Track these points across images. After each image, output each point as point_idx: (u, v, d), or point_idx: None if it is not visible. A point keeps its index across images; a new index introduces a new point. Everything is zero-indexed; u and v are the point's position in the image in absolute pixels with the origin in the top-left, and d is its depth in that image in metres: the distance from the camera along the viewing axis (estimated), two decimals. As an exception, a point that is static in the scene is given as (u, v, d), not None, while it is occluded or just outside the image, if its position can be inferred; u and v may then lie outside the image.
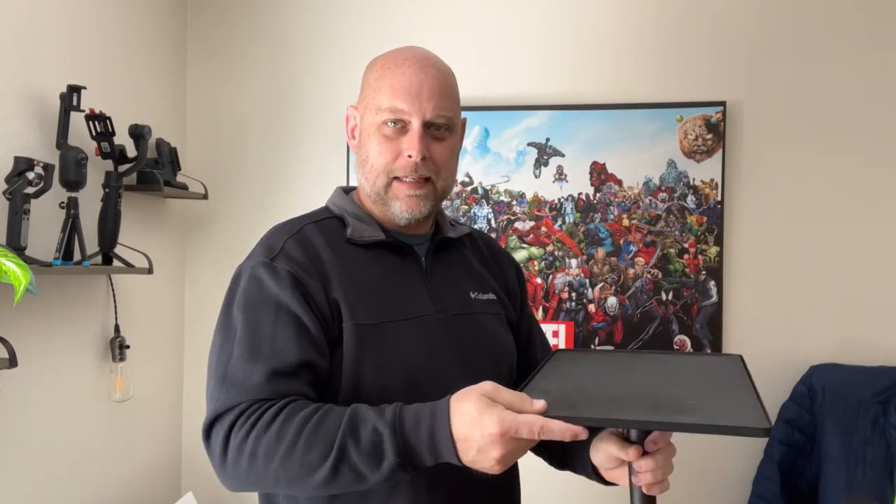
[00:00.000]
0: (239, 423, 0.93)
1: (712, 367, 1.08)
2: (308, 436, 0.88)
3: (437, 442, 0.86)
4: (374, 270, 1.08)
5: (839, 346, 2.10)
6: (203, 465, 2.42)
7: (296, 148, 2.39)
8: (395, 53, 1.11)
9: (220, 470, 0.95)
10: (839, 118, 2.13)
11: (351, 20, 2.36)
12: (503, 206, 2.27)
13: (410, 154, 1.06)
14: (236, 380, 0.96)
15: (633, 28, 2.23)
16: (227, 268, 2.40)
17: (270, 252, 1.05)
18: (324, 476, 0.88)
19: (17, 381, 1.72)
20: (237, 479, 0.94)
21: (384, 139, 1.07)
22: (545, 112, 2.24)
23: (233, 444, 0.92)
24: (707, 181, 2.17)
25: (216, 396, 0.97)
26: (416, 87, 1.06)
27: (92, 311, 1.99)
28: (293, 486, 0.91)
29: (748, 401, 0.88)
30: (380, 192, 1.09)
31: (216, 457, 0.94)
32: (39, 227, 1.74)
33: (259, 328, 0.99)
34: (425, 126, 1.06)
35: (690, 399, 0.89)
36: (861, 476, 1.85)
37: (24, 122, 1.74)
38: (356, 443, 0.87)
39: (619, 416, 0.85)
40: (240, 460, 0.92)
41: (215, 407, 0.96)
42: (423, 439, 0.86)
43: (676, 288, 2.18)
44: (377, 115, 1.07)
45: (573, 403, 0.88)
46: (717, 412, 0.85)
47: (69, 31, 1.90)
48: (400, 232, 1.13)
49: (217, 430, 0.95)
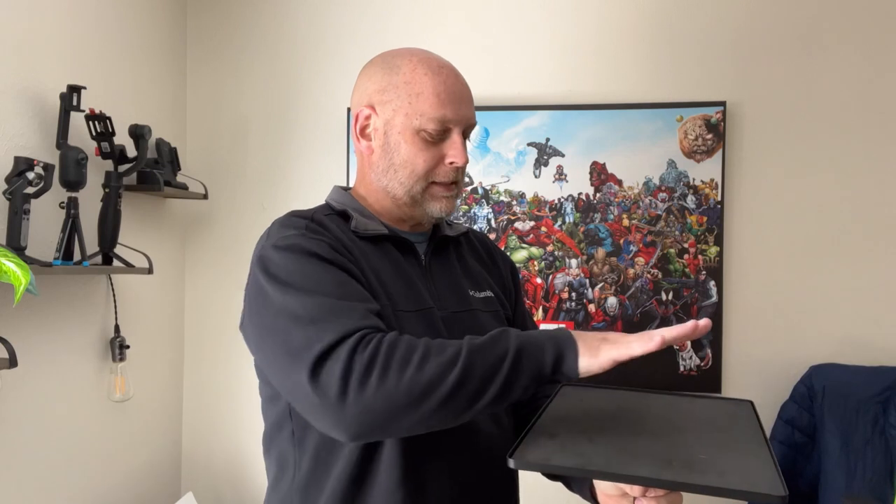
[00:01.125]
0: (361, 347, 0.87)
1: (722, 414, 1.06)
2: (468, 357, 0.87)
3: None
4: (382, 261, 1.09)
5: (839, 346, 2.10)
6: (203, 465, 2.43)
7: (296, 148, 2.39)
8: (420, 57, 1.10)
9: (338, 403, 0.85)
10: (839, 118, 2.13)
11: (351, 20, 2.36)
12: (503, 206, 2.27)
13: (454, 161, 1.08)
14: (336, 314, 0.91)
15: (633, 28, 2.23)
16: (227, 268, 2.43)
17: (297, 229, 1.03)
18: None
19: (17, 381, 1.72)
20: (362, 407, 0.85)
21: (426, 144, 1.08)
22: (545, 112, 2.24)
23: (357, 367, 0.85)
24: (707, 181, 2.17)
25: (313, 337, 0.89)
26: (457, 95, 1.08)
27: (92, 311, 1.99)
28: (427, 398, 0.86)
29: (762, 459, 0.86)
30: (416, 195, 1.10)
31: (333, 389, 0.85)
32: (39, 227, 1.74)
33: (325, 279, 0.96)
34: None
35: (702, 454, 0.87)
36: (861, 476, 1.85)
37: (24, 122, 1.74)
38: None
39: (631, 472, 0.82)
40: (367, 382, 0.85)
41: (323, 343, 0.87)
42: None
43: (676, 288, 2.18)
44: (417, 120, 1.07)
45: (581, 451, 0.86)
46: (731, 472, 0.82)
47: (69, 31, 1.90)
48: (399, 229, 1.14)
49: (332, 362, 0.86)
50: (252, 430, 2.38)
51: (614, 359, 0.87)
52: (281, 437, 1.08)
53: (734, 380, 2.17)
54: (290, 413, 1.06)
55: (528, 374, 0.88)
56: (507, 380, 0.88)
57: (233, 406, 2.41)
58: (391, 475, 1.01)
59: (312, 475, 1.05)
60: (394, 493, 1.01)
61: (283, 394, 0.98)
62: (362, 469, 1.02)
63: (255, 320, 0.99)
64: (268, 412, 1.11)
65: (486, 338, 0.90)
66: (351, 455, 1.01)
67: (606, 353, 0.87)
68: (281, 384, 0.95)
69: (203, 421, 2.43)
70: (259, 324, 0.98)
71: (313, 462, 1.04)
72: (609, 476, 0.85)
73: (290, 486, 1.07)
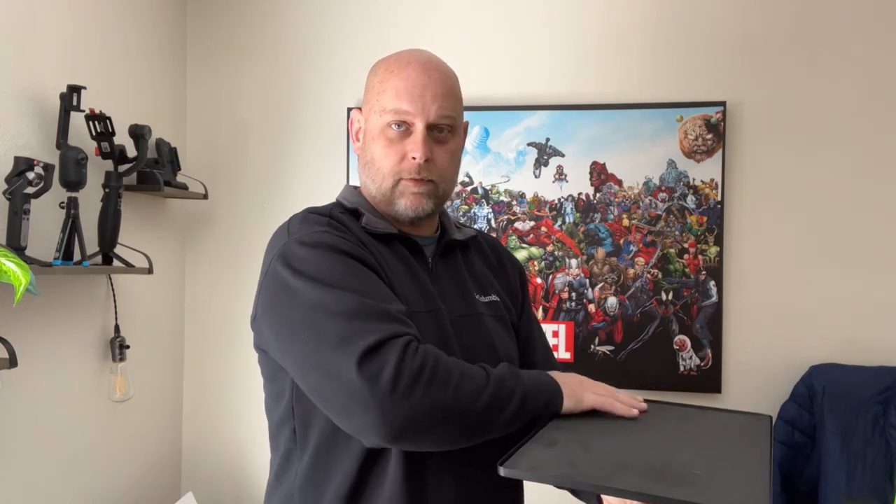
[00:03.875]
0: (410, 353, 0.91)
1: (734, 429, 1.04)
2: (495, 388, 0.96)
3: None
4: (394, 260, 1.09)
5: (839, 346, 2.10)
6: (203, 465, 2.43)
7: (296, 148, 2.39)
8: (398, 56, 1.12)
9: (389, 397, 0.87)
10: (839, 118, 2.13)
11: (351, 20, 2.36)
12: (503, 206, 2.27)
13: (414, 156, 1.07)
14: (373, 312, 0.93)
15: (633, 28, 2.23)
16: (227, 268, 2.43)
17: (320, 225, 1.04)
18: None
19: (17, 381, 1.72)
20: (409, 408, 0.88)
21: (388, 142, 1.08)
22: (545, 112, 2.24)
23: (407, 370, 0.89)
24: (707, 181, 2.17)
25: (354, 332, 0.90)
26: (419, 89, 1.07)
27: (92, 311, 1.99)
28: (469, 411, 0.93)
29: (756, 478, 0.84)
30: (386, 193, 1.10)
31: (384, 384, 0.87)
32: (39, 227, 1.74)
33: (357, 277, 0.99)
34: (428, 128, 1.07)
35: (697, 468, 0.86)
36: (861, 476, 1.85)
37: (24, 122, 1.74)
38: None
39: (615, 485, 0.82)
40: (416, 387, 0.88)
41: (368, 339, 0.89)
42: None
43: (676, 288, 2.18)
44: (381, 118, 1.08)
45: (573, 461, 0.87)
46: (719, 489, 0.81)
47: (69, 31, 1.90)
48: (407, 232, 1.14)
49: (380, 358, 0.88)
50: (252, 429, 2.38)
51: (594, 407, 1.04)
52: (284, 434, 1.09)
53: (734, 380, 2.17)
54: (292, 411, 1.06)
55: (526, 414, 0.99)
56: (513, 416, 0.97)
57: (233, 406, 2.40)
58: (394, 477, 1.01)
59: (313, 474, 1.05)
60: (396, 495, 1.01)
61: (306, 387, 0.97)
62: (364, 470, 1.02)
63: (282, 315, 0.99)
64: (272, 410, 1.11)
65: (501, 372, 0.99)
66: (353, 456, 1.01)
67: (588, 401, 1.04)
68: (308, 376, 0.95)
69: (203, 421, 2.43)
70: (286, 318, 0.98)
71: (314, 461, 1.04)
72: (595, 487, 0.85)
73: (293, 484, 1.07)
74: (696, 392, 2.16)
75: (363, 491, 1.02)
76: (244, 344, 1.03)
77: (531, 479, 0.89)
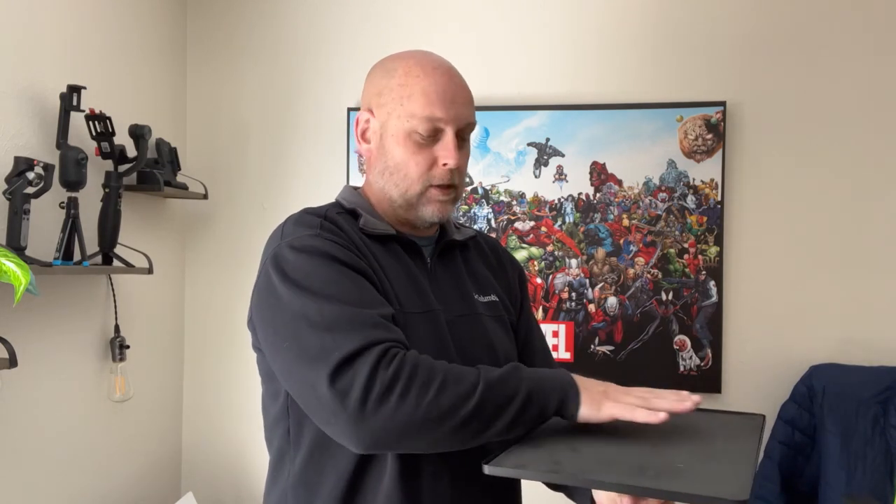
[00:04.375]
0: (384, 363, 0.89)
1: (724, 427, 1.05)
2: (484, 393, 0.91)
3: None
4: (390, 261, 1.09)
5: (839, 346, 2.10)
6: (203, 465, 2.43)
7: (296, 148, 2.39)
8: (416, 59, 1.10)
9: (357, 414, 0.87)
10: (839, 118, 2.13)
11: (351, 20, 2.36)
12: (503, 206, 2.27)
13: (447, 163, 1.07)
14: (353, 322, 0.92)
15: (633, 28, 2.23)
16: (227, 268, 2.43)
17: (312, 228, 1.04)
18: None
19: (17, 381, 1.72)
20: (379, 422, 0.88)
21: (417, 147, 1.07)
22: (545, 112, 2.24)
23: (379, 382, 0.87)
24: (707, 181, 2.17)
25: (330, 344, 0.90)
26: (450, 95, 1.07)
27: (92, 311, 1.99)
28: (443, 423, 0.89)
29: (739, 468, 0.85)
30: (412, 199, 1.09)
31: (353, 399, 0.87)
32: (39, 227, 1.74)
33: (343, 284, 0.98)
34: (455, 134, 1.08)
35: (680, 462, 0.87)
36: (861, 476, 1.85)
37: (24, 122, 1.74)
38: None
39: (597, 478, 0.83)
40: (387, 400, 0.87)
41: (342, 351, 0.89)
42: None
43: (676, 288, 2.18)
44: (408, 122, 1.06)
45: (559, 459, 0.88)
46: (700, 479, 0.82)
47: (69, 31, 1.90)
48: (406, 233, 1.14)
49: (353, 371, 0.88)
50: (252, 429, 2.38)
51: (615, 416, 0.94)
52: (278, 434, 1.09)
53: (734, 380, 2.17)
54: (287, 410, 1.06)
55: (532, 417, 0.94)
56: (514, 419, 0.93)
57: (233, 406, 2.40)
58: (390, 477, 1.01)
59: (306, 473, 1.05)
60: (392, 495, 1.01)
61: (291, 393, 0.99)
62: (360, 470, 1.02)
63: (268, 319, 1.00)
64: (268, 409, 1.12)
65: (500, 374, 0.95)
66: (348, 456, 1.01)
67: (608, 411, 0.95)
68: (291, 385, 0.97)
69: (203, 421, 2.43)
70: (272, 323, 0.99)
71: (308, 460, 1.05)
72: (571, 480, 0.87)
73: (286, 483, 1.08)
74: (696, 392, 2.15)
75: (358, 491, 1.02)
76: (244, 344, 1.03)
77: (515, 477, 0.91)
